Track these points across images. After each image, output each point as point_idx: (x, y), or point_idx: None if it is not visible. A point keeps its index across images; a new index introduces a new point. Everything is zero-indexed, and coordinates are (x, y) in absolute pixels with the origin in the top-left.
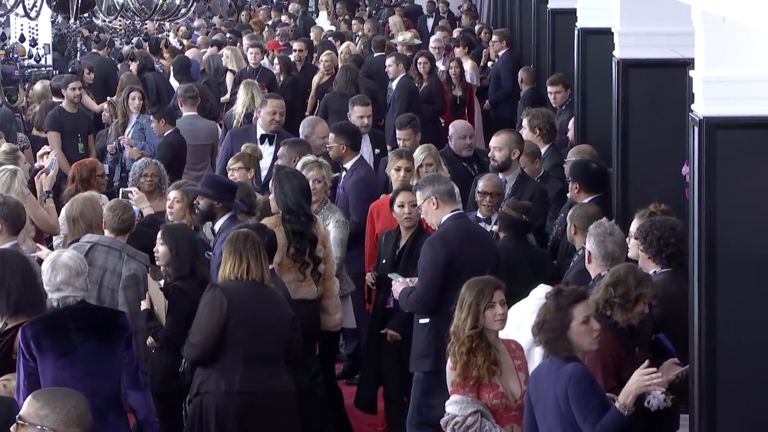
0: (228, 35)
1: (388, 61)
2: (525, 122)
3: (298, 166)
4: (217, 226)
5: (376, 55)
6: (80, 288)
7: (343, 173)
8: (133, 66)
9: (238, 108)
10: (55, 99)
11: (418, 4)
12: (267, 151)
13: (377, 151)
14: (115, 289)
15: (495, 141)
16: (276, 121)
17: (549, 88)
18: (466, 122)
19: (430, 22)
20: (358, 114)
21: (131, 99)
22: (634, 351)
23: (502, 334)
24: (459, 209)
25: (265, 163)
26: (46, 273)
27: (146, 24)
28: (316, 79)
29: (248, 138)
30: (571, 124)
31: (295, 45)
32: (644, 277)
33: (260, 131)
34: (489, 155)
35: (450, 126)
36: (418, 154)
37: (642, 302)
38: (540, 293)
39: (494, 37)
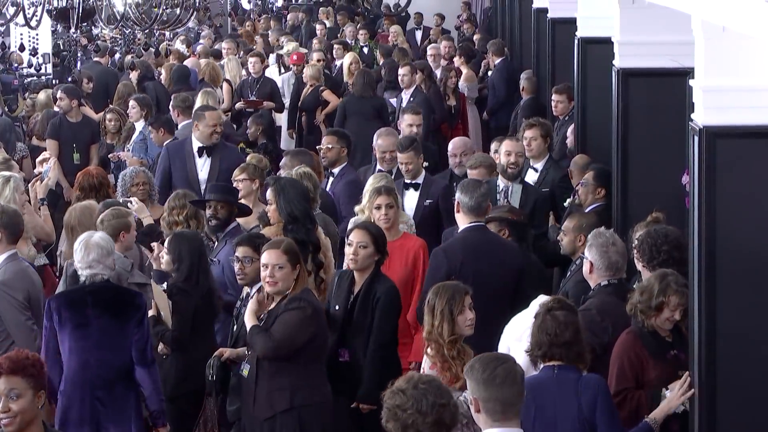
0: (217, 46)
1: (402, 70)
2: (534, 131)
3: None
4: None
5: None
6: (109, 267)
7: (330, 179)
8: (134, 75)
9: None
10: (56, 108)
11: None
12: (204, 164)
13: (426, 164)
14: None
15: (514, 146)
16: (217, 132)
17: (553, 96)
18: (462, 139)
19: (418, 34)
20: (407, 122)
21: (130, 108)
22: (664, 354)
23: (503, 345)
24: (479, 221)
25: (203, 176)
26: (78, 251)
27: (139, 34)
28: (303, 93)
29: (184, 151)
30: (569, 132)
31: (315, 55)
32: (672, 285)
33: (197, 144)
34: (507, 160)
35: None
36: (373, 182)
37: (668, 309)
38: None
39: (489, 49)
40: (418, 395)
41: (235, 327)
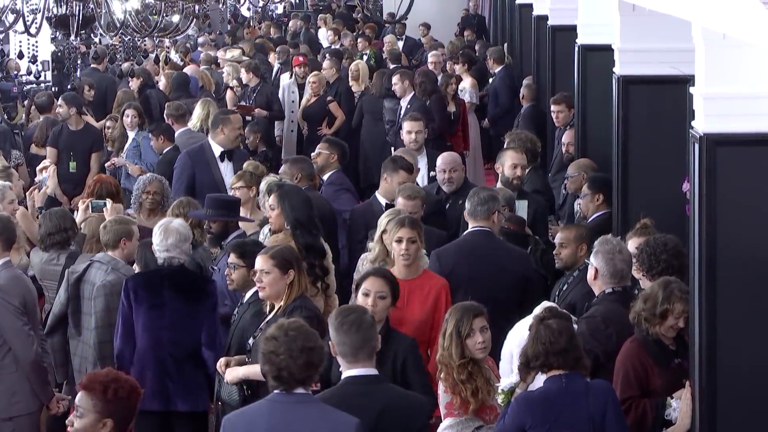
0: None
1: (394, 78)
2: (506, 145)
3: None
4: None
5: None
6: (185, 252)
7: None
8: (135, 83)
9: (194, 122)
10: (51, 115)
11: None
12: (227, 169)
13: (433, 174)
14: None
15: (520, 159)
16: (242, 134)
17: (552, 107)
18: (451, 154)
19: (400, 44)
20: (406, 129)
21: (125, 116)
22: (668, 362)
23: (506, 351)
24: (481, 226)
25: (229, 180)
26: (158, 235)
27: (145, 41)
28: (303, 102)
29: (206, 157)
30: (565, 138)
31: (325, 63)
32: (676, 292)
33: (218, 149)
34: (513, 173)
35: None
36: (383, 219)
37: (672, 317)
38: None
39: (488, 57)
40: (289, 341)
41: (229, 334)
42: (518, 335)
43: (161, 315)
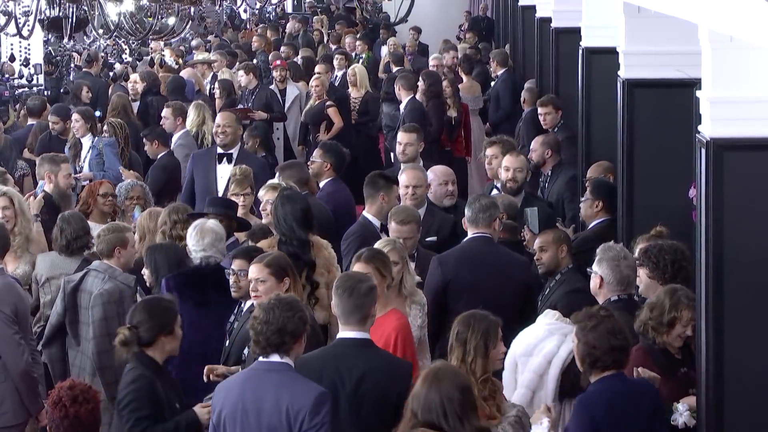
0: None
1: (395, 83)
2: (493, 150)
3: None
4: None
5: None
6: (221, 252)
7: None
8: (140, 85)
9: (188, 127)
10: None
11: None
12: (225, 170)
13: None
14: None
15: (513, 162)
16: (220, 133)
17: (539, 109)
18: (446, 168)
19: (384, 49)
20: (398, 140)
21: (74, 121)
22: (674, 371)
23: (510, 359)
24: (482, 232)
25: (222, 184)
26: (193, 236)
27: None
28: (306, 107)
29: (209, 158)
30: (534, 144)
31: (317, 68)
32: (683, 300)
33: (219, 150)
34: (506, 176)
35: (429, 171)
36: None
37: (680, 325)
38: (548, 319)
39: (491, 59)
40: (269, 309)
41: (227, 343)
42: (522, 344)
43: (208, 313)
